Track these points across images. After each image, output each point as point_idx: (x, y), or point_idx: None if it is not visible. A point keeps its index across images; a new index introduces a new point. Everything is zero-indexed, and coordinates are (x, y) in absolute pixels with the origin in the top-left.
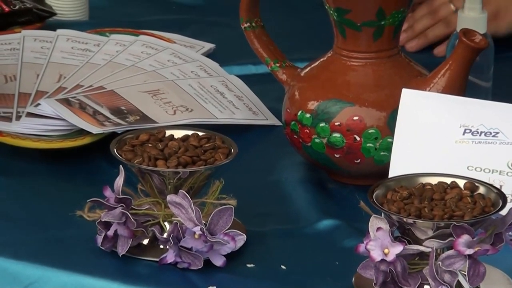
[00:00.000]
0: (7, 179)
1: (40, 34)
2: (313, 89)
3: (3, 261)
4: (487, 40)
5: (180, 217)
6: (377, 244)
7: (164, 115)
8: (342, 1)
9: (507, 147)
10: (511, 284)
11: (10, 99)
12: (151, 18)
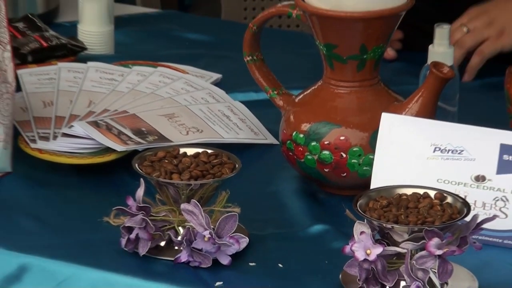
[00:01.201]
0: (45, 190)
1: (73, 66)
2: (305, 113)
3: (41, 261)
4: (454, 72)
5: (192, 223)
6: (361, 246)
7: (178, 135)
8: (330, 38)
9: (470, 163)
10: (475, 280)
11: (48, 121)
12: (168, 52)
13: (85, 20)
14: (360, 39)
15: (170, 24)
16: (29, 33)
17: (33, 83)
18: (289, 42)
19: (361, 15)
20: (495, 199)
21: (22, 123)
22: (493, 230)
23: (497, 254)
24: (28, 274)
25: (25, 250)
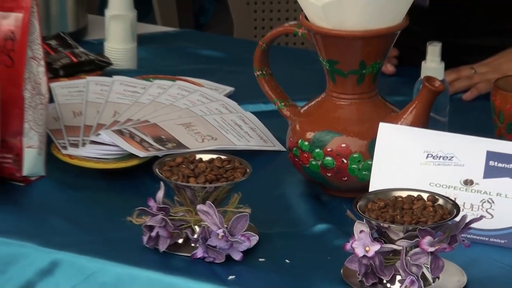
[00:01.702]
0: (75, 192)
1: (100, 80)
2: (310, 122)
3: (71, 256)
4: (444, 85)
5: (207, 222)
6: (360, 243)
7: (194, 143)
8: (332, 55)
9: (459, 168)
10: (464, 275)
11: (77, 130)
12: (185, 67)
13: (111, 38)
14: (360, 55)
15: (187, 41)
16: (60, 50)
17: (64, 95)
18: (295, 58)
19: (360, 34)
20: (482, 201)
21: (54, 131)
22: (480, 229)
23: (484, 251)
24: (59, 268)
25: (56, 246)
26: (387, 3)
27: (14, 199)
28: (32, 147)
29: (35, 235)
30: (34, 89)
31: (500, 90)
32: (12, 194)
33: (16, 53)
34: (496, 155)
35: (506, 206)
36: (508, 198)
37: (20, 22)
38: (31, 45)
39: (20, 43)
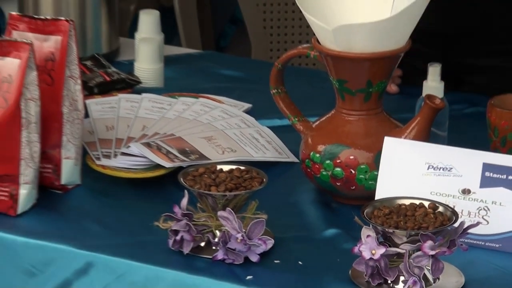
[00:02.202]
0: (107, 199)
1: (131, 97)
2: (321, 136)
3: (103, 257)
4: (444, 103)
5: (227, 227)
6: (367, 247)
7: (215, 155)
8: (341, 74)
9: (458, 178)
10: (462, 276)
11: (110, 142)
12: (207, 86)
13: (140, 59)
14: (367, 75)
15: (209, 62)
16: (95, 70)
17: (98, 110)
18: (307, 78)
19: (367, 56)
20: (479, 209)
21: (89, 143)
22: (477, 234)
23: (480, 255)
24: (93, 268)
25: (90, 249)
26: (392, 29)
27: (53, 206)
28: (69, 158)
29: (72, 238)
30: (71, 105)
31: (495, 108)
32: (52, 201)
33: (56, 72)
34: (491, 167)
35: (500, 213)
36: (502, 206)
37: (59, 44)
38: (69, 65)
39: (59, 64)
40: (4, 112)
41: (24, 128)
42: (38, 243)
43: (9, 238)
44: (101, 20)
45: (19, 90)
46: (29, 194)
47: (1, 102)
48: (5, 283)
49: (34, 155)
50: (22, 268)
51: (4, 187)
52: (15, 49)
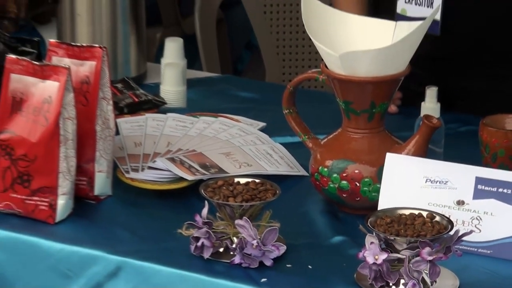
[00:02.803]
0: (135, 209)
1: (157, 116)
2: (329, 152)
3: (132, 262)
4: (440, 122)
5: (243, 234)
6: (371, 252)
7: (233, 169)
8: (347, 96)
9: (453, 191)
10: (457, 279)
11: (138, 157)
12: (225, 106)
13: (165, 82)
14: (370, 97)
15: (227, 85)
16: (125, 92)
17: (128, 128)
18: (317, 99)
19: (370, 79)
20: (472, 218)
21: (119, 158)
22: (470, 241)
23: (473, 260)
24: (122, 272)
25: (120, 254)
26: (393, 55)
27: (87, 214)
28: (102, 172)
29: (104, 244)
30: (104, 124)
31: (487, 127)
32: (86, 210)
33: (90, 94)
34: (483, 180)
35: (491, 223)
36: (493, 216)
37: (93, 69)
38: (102, 88)
39: (93, 86)
40: (44, 130)
41: (62, 145)
42: (74, 248)
43: (47, 244)
44: (131, 47)
45: (58, 110)
46: (66, 204)
47: (42, 121)
48: (43, 285)
49: (71, 169)
50: (59, 271)
51: (44, 198)
52: (54, 73)
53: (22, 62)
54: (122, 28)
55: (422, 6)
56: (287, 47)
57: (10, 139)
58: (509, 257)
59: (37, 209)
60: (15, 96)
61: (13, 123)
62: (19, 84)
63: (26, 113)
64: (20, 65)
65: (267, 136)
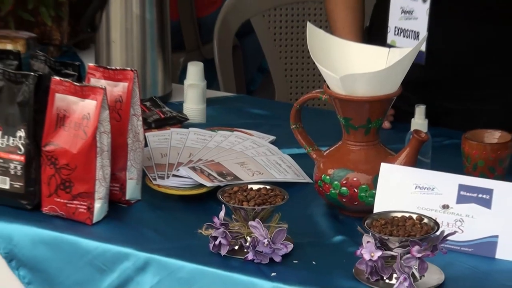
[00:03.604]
0: (161, 211)
1: (180, 131)
2: (330, 162)
3: (158, 258)
4: (428, 136)
5: (256, 234)
6: (367, 250)
7: (247, 176)
8: (347, 113)
9: (439, 196)
10: (442, 274)
11: (163, 167)
12: (240, 122)
13: (188, 101)
14: (367, 114)
15: (242, 103)
16: (152, 109)
17: (155, 141)
18: (320, 116)
19: (367, 99)
20: (455, 220)
21: (148, 167)
22: (454, 241)
23: (457, 257)
24: (150, 266)
25: (148, 251)
26: (386, 78)
27: (120, 216)
28: (132, 179)
29: (133, 242)
30: (134, 137)
31: (468, 141)
32: (118, 212)
33: (123, 111)
34: (465, 187)
35: (472, 224)
36: (474, 218)
37: (126, 89)
38: (133, 106)
39: (125, 104)
40: (84, 142)
41: (99, 155)
42: (108, 246)
43: (86, 242)
44: (158, 70)
45: (95, 125)
46: (101, 207)
47: (82, 135)
48: (82, 277)
49: (106, 177)
50: (95, 266)
51: (83, 202)
52: (92, 93)
53: (65, 83)
54: (150, 53)
55: (410, 39)
56: (294, 70)
57: (55, 150)
58: (488, 254)
59: (77, 212)
60: (59, 113)
61: (57, 136)
62: (63, 103)
63: (68, 127)
64: (63, 85)
65: (277, 148)
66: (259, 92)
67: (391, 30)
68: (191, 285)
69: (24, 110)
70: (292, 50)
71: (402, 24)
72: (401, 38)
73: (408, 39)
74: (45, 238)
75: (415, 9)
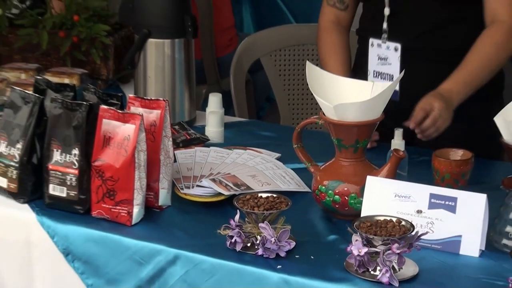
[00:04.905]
0: (188, 215)
1: (203, 149)
2: (326, 175)
3: (185, 253)
4: (405, 154)
5: (265, 233)
6: (356, 247)
7: (257, 186)
8: (339, 135)
9: (414, 203)
10: (416, 266)
11: (189, 179)
12: (252, 142)
13: (209, 124)
14: (355, 136)
15: (253, 127)
16: (180, 131)
17: (182, 158)
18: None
19: (355, 123)
20: (427, 223)
21: (176, 179)
22: (426, 239)
23: (428, 253)
24: (178, 260)
25: (177, 247)
26: (371, 106)
27: (154, 219)
28: (164, 189)
29: (165, 240)
30: (165, 155)
31: (437, 158)
32: (153, 216)
33: (156, 133)
34: (435, 196)
35: (441, 226)
36: (442, 221)
37: (159, 115)
38: (164, 129)
39: (158, 128)
40: (125, 159)
41: (137, 169)
42: (144, 243)
43: (126, 240)
44: (185, 99)
45: (134, 145)
46: (139, 211)
47: (123, 153)
48: (123, 268)
49: (142, 187)
50: (134, 260)
51: (124, 207)
52: (132, 119)
53: (110, 110)
54: (179, 86)
55: (386, 80)
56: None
57: (102, 165)
58: (454, 251)
59: (119, 215)
60: (105, 135)
61: (104, 154)
62: (108, 126)
63: (112, 147)
64: (109, 113)
65: (281, 163)
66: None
67: (371, 73)
68: (212, 275)
69: (78, 133)
70: (294, 83)
71: (379, 69)
72: (379, 79)
73: (384, 80)
74: (94, 236)
75: (389, 56)
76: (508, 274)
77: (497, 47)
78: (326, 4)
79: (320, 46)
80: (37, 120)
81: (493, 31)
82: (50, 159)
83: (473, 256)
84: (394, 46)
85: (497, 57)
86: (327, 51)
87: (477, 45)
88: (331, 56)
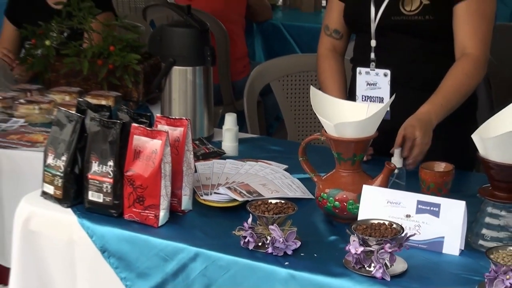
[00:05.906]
0: (206, 218)
1: (219, 161)
2: (327, 184)
3: (204, 251)
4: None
5: (274, 234)
6: (353, 246)
7: (268, 193)
8: (339, 149)
9: (404, 208)
10: (405, 263)
11: (208, 187)
12: (263, 155)
13: (225, 140)
14: (353, 150)
15: (263, 142)
16: (200, 146)
17: (202, 168)
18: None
19: (353, 140)
20: (415, 226)
21: (197, 187)
22: (414, 240)
23: (416, 252)
24: (199, 257)
25: (197, 245)
26: (367, 125)
27: (177, 221)
28: (186, 195)
29: (187, 240)
30: (187, 166)
31: (423, 169)
32: (176, 218)
33: (180, 147)
34: (422, 202)
35: (427, 229)
36: (428, 224)
37: (182, 132)
38: (187, 144)
39: (181, 143)
40: (152, 170)
41: (163, 179)
42: (169, 242)
43: (153, 240)
44: (204, 118)
45: (160, 158)
46: (164, 215)
47: (151, 164)
48: (151, 264)
49: (168, 193)
50: (160, 256)
51: (151, 211)
52: (158, 135)
53: (140, 128)
54: (199, 107)
55: (376, 102)
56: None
57: (133, 175)
58: (437, 250)
59: (147, 218)
60: (136, 149)
61: (134, 165)
62: (138, 142)
63: (142, 159)
64: (139, 130)
65: (289, 173)
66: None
67: (359, 97)
68: (228, 270)
69: (113, 147)
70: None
71: (368, 93)
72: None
73: (375, 103)
74: (126, 236)
75: (378, 81)
76: (484, 270)
77: (467, 75)
78: (324, 34)
79: (320, 72)
80: (79, 136)
81: (463, 62)
82: (89, 169)
83: (454, 254)
84: (384, 72)
85: (468, 84)
86: (326, 76)
87: (451, 74)
88: (330, 80)
